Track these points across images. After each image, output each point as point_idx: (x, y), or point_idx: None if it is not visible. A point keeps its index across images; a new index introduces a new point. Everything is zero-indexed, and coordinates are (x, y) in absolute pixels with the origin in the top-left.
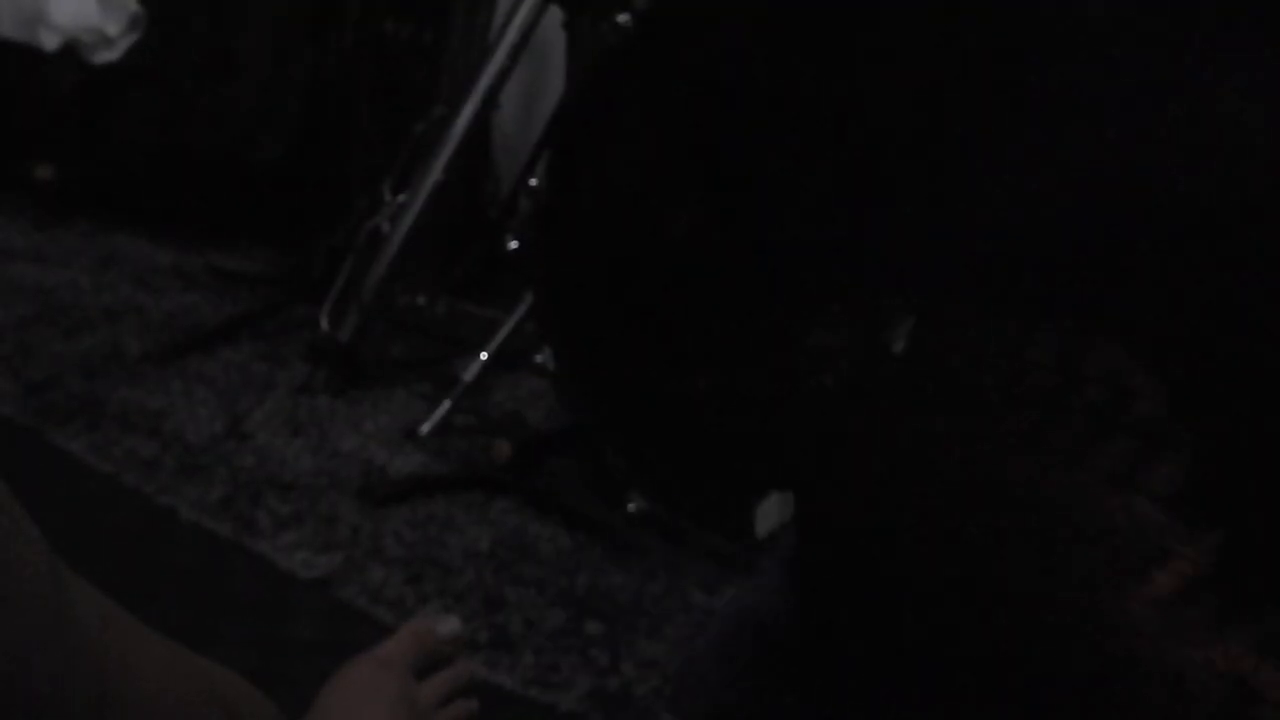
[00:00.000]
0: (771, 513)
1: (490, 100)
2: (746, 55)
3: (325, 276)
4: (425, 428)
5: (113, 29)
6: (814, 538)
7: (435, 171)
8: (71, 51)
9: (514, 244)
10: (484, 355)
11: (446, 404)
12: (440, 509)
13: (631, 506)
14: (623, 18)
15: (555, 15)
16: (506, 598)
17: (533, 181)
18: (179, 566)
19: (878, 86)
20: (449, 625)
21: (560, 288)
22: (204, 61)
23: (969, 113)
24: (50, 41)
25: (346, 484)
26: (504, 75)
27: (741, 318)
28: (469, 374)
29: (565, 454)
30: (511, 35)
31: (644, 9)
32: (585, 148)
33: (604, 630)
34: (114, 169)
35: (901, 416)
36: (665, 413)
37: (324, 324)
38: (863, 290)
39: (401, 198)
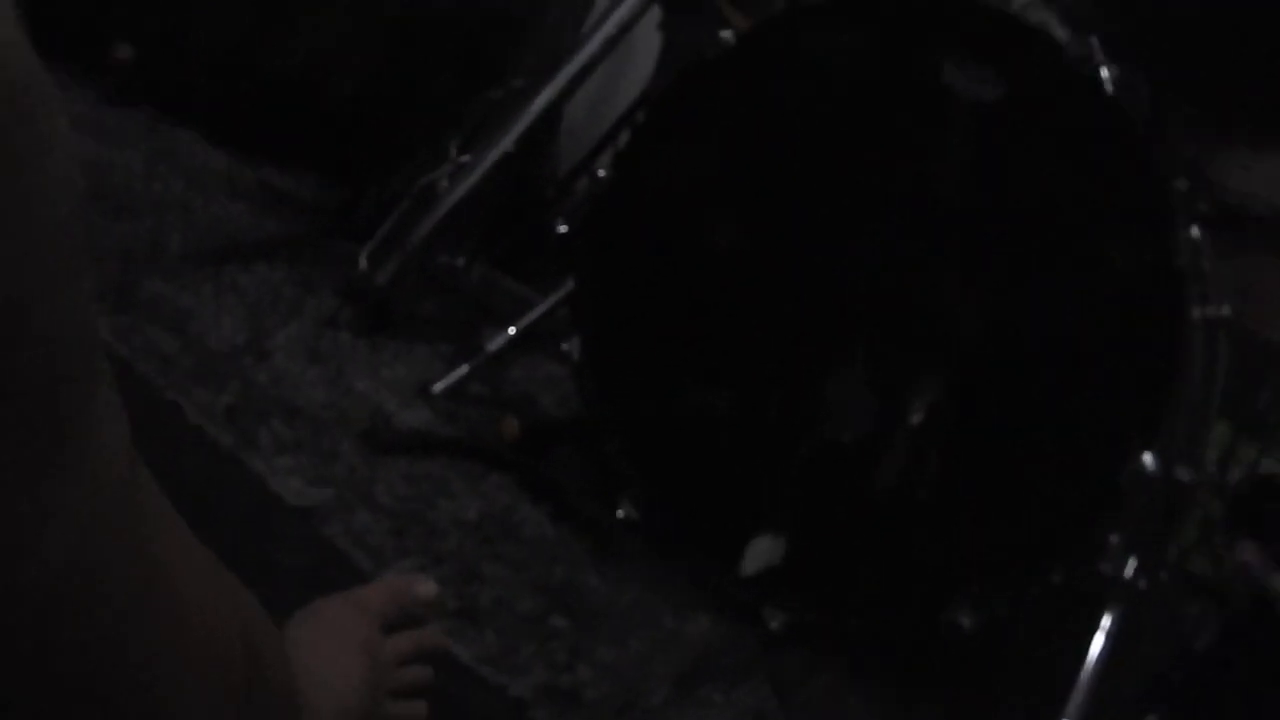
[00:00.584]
0: (761, 553)
1: (574, 85)
2: (834, 100)
3: (373, 218)
4: (439, 386)
5: None
6: None
7: (504, 143)
8: None
9: (562, 227)
10: (512, 330)
11: (464, 368)
12: (437, 470)
13: (621, 512)
14: (726, 34)
15: (653, 16)
16: (482, 572)
17: (600, 171)
18: (173, 467)
19: (948, 165)
20: (427, 588)
21: (602, 279)
22: None
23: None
24: None
25: (352, 423)
26: (592, 64)
27: (770, 345)
28: (493, 345)
29: (570, 445)
30: (610, 27)
31: (749, 31)
32: (658, 147)
33: (569, 626)
34: (190, 65)
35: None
36: (679, 425)
37: (363, 263)
38: (886, 345)
39: (465, 159)
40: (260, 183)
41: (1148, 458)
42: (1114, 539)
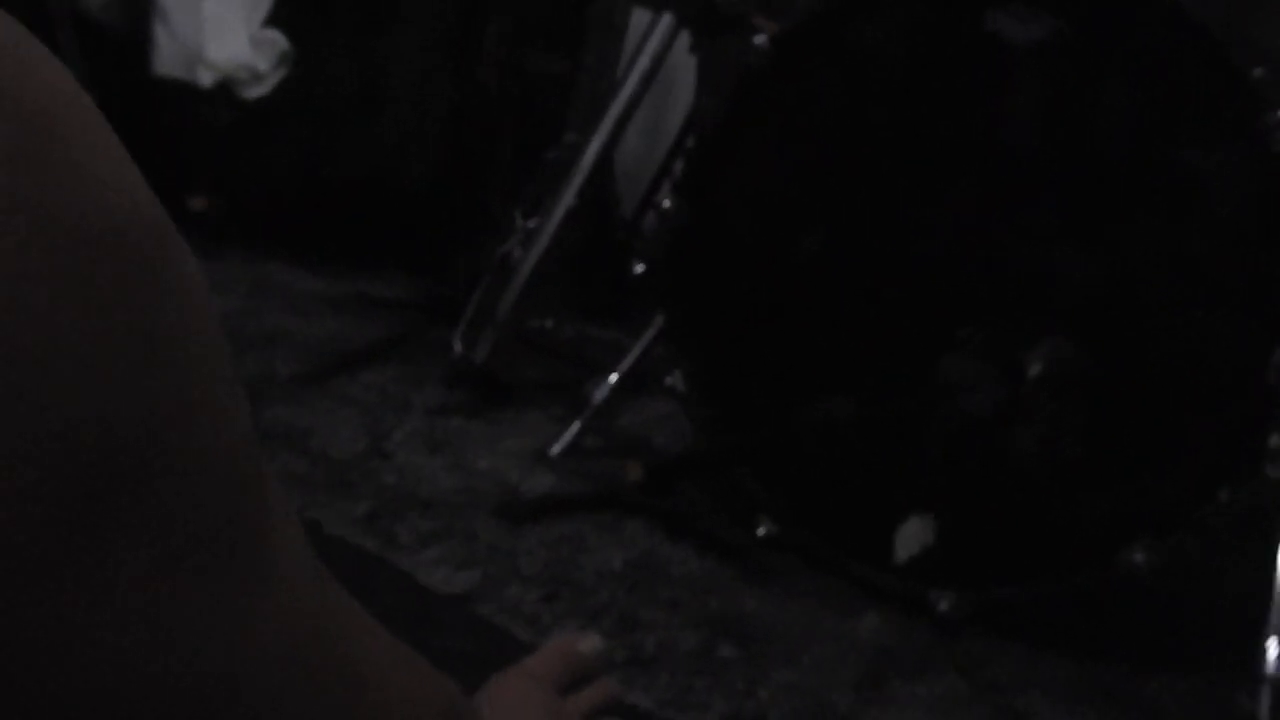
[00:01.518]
0: (912, 537)
1: (621, 127)
2: (886, 79)
3: (461, 301)
4: (556, 448)
5: (264, 65)
6: None
7: (567, 198)
8: (226, 88)
9: (640, 267)
10: (614, 377)
11: (576, 425)
12: (573, 529)
13: (761, 530)
14: (759, 39)
15: (681, 41)
16: (640, 618)
17: (665, 203)
18: None
19: (1018, 118)
20: (591, 642)
21: (692, 308)
22: (349, 94)
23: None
24: (206, 79)
25: (483, 502)
26: (635, 102)
27: (875, 340)
28: (599, 395)
29: (696, 476)
30: (643, 62)
31: (783, 33)
32: (720, 167)
33: (739, 654)
34: (265, 199)
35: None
36: (800, 436)
37: (458, 346)
38: (995, 314)
39: (532, 223)
40: (356, 294)
41: None
42: (1275, 440)
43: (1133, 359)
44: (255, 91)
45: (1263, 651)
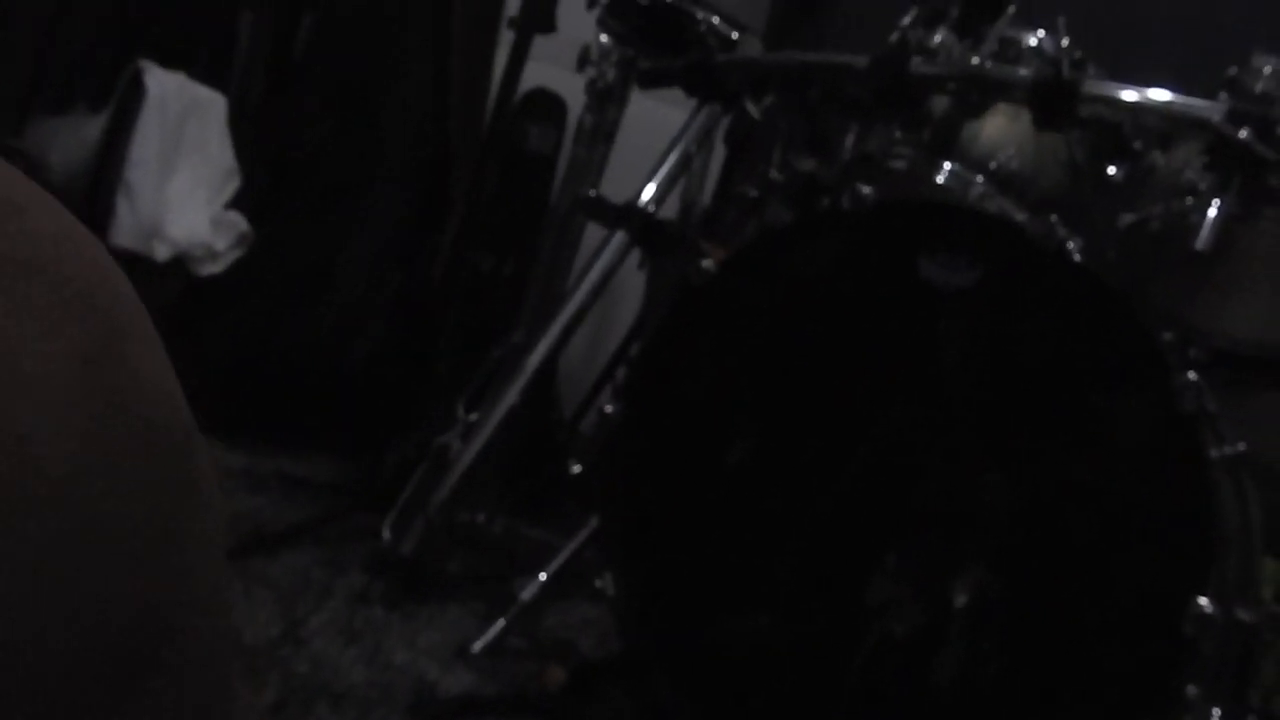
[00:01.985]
0: None
1: (568, 334)
2: (822, 307)
3: (391, 488)
4: (478, 646)
5: (221, 245)
6: None
7: (509, 396)
8: (180, 263)
9: (576, 468)
10: (543, 576)
11: (501, 623)
12: None
13: None
14: (707, 263)
15: (632, 257)
16: None
17: (606, 408)
18: None
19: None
20: None
21: (626, 512)
22: (298, 275)
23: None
24: (162, 253)
25: (398, 699)
26: (584, 310)
27: (803, 558)
28: (527, 593)
29: (619, 685)
30: (595, 275)
31: (727, 257)
32: (661, 377)
33: None
34: (202, 374)
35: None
36: (724, 650)
37: (386, 534)
38: (921, 540)
39: (474, 417)
40: (278, 473)
41: (1204, 602)
42: (1192, 691)
43: (1052, 595)
44: (209, 269)
45: None
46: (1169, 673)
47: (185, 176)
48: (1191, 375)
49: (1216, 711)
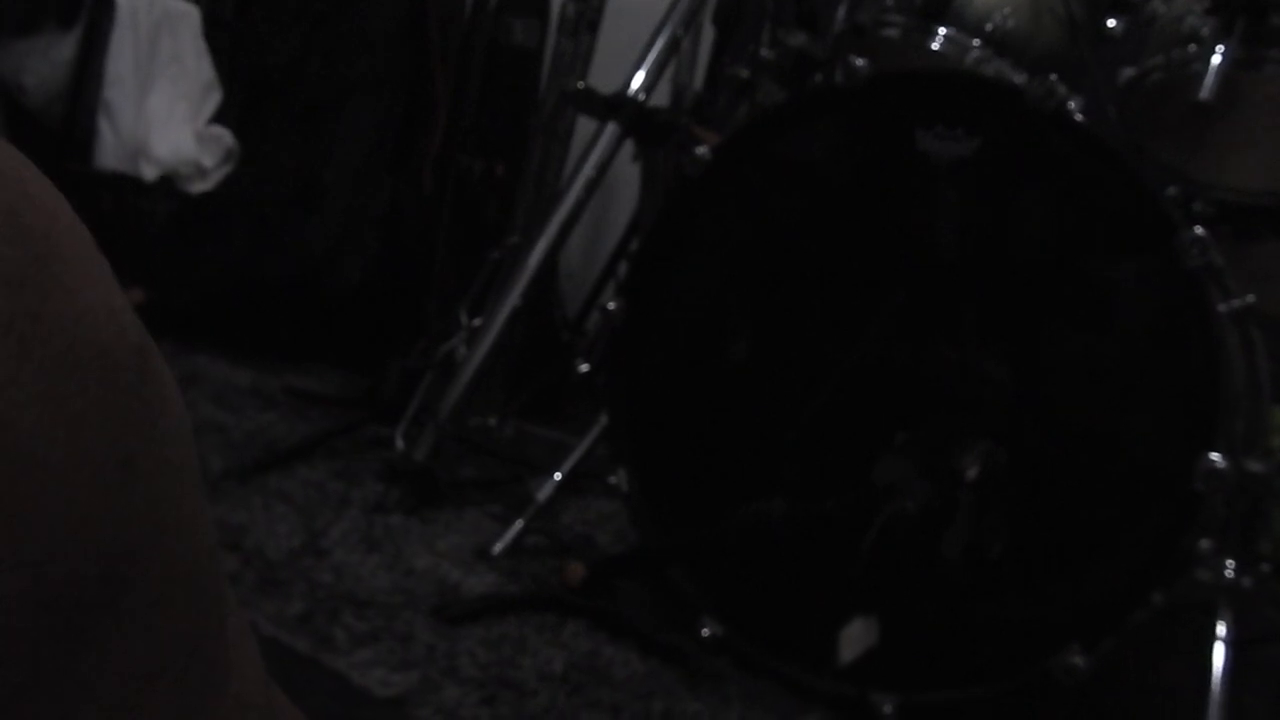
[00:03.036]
0: (856, 639)
1: (566, 231)
2: (818, 189)
3: (400, 398)
4: (498, 548)
5: (209, 161)
6: None
7: (511, 298)
8: (169, 182)
9: (584, 366)
10: (558, 476)
11: (519, 524)
12: (513, 629)
13: (705, 632)
14: (701, 150)
15: (625, 150)
16: None
17: (609, 305)
18: None
19: (943, 229)
20: None
21: (634, 408)
22: (287, 191)
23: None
24: (150, 173)
25: (421, 602)
26: (580, 207)
27: (812, 442)
28: (542, 494)
29: (638, 577)
30: (588, 170)
31: (721, 143)
32: (663, 269)
33: None
34: (200, 293)
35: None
36: (739, 536)
37: (399, 443)
38: (927, 417)
39: (477, 322)
40: (286, 388)
41: (1215, 456)
42: (1204, 545)
43: (1060, 463)
44: (199, 186)
45: None
46: (1181, 529)
47: (165, 92)
48: (1196, 230)
49: (1230, 563)
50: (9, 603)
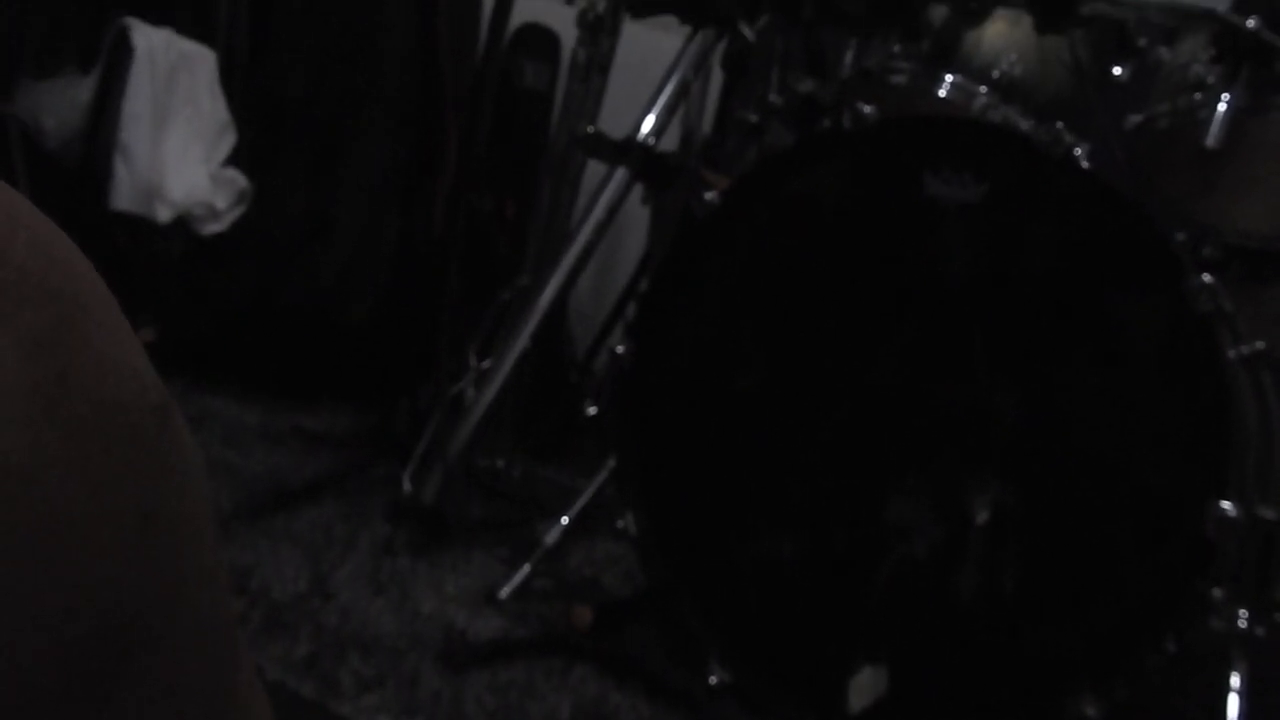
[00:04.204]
0: (866, 687)
1: (576, 272)
2: (827, 230)
3: (408, 437)
4: (505, 591)
5: (222, 203)
6: None
7: (521, 339)
8: (182, 223)
9: (592, 408)
10: (565, 519)
11: (526, 567)
12: (521, 674)
13: (713, 679)
14: (710, 194)
15: (635, 192)
16: None
17: (618, 347)
18: None
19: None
20: None
21: (643, 451)
22: (299, 228)
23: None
24: (164, 214)
25: (428, 646)
26: (590, 249)
27: (822, 482)
28: (550, 537)
29: (645, 621)
30: (598, 212)
31: (730, 187)
32: (671, 311)
33: None
34: (211, 331)
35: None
36: (749, 578)
37: (407, 484)
38: (938, 458)
39: (486, 363)
40: (295, 428)
41: (1227, 504)
42: (1217, 593)
43: (1070, 505)
44: (212, 228)
45: None
46: (1193, 576)
47: (180, 134)
48: (1205, 276)
49: (1243, 613)
50: (30, 660)
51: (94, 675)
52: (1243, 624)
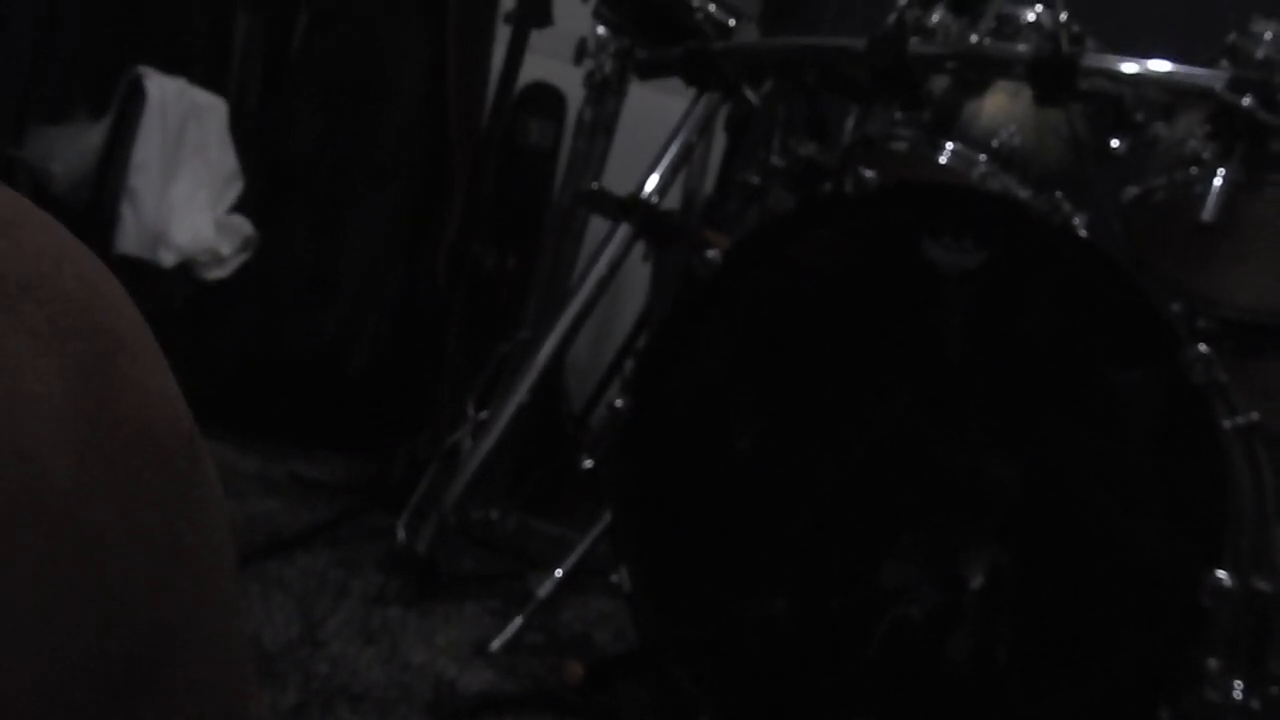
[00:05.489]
0: None
1: (577, 327)
2: (826, 292)
3: (403, 487)
4: (496, 644)
5: (226, 249)
6: None
7: (519, 392)
8: (186, 269)
9: (588, 463)
10: (559, 572)
11: (518, 621)
12: None
13: None
14: (711, 253)
15: (636, 249)
16: None
17: (616, 402)
18: None
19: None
20: None
21: (638, 506)
22: (305, 277)
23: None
24: (168, 259)
25: (417, 698)
26: (591, 304)
27: (817, 543)
28: (543, 591)
29: (637, 678)
30: (600, 268)
31: (731, 246)
32: (669, 368)
33: None
34: (211, 377)
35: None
36: (741, 638)
37: (401, 534)
38: (933, 522)
39: (484, 414)
40: (291, 475)
41: (1221, 574)
42: (1212, 664)
43: (1065, 571)
44: (216, 274)
45: None
46: (1188, 646)
47: (188, 181)
48: (1201, 347)
49: (1238, 684)
50: (63, 673)
51: (122, 690)
52: (1238, 695)
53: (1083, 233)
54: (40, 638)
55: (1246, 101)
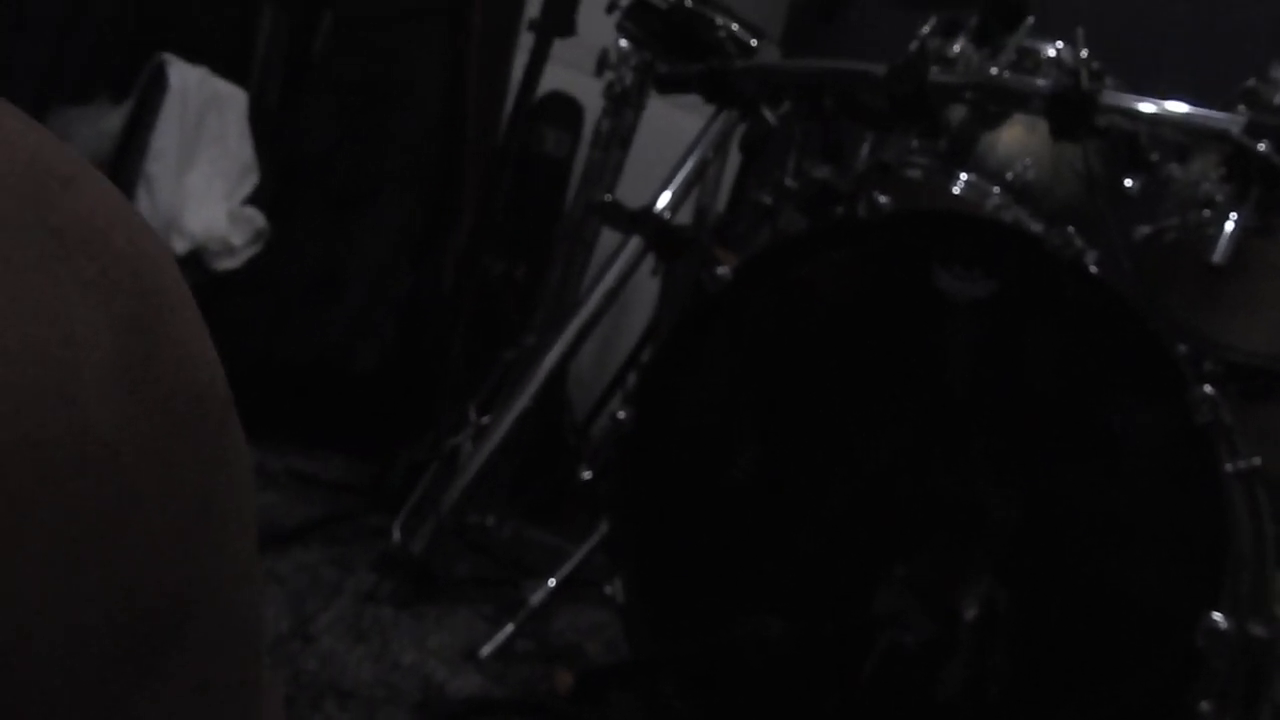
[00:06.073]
0: None
1: (582, 337)
2: (833, 315)
3: (402, 488)
4: (487, 649)
5: (238, 240)
6: None
7: (522, 399)
8: (197, 257)
9: (587, 473)
10: (552, 581)
11: (510, 627)
12: None
13: None
14: (721, 269)
15: (646, 263)
16: None
17: (619, 413)
18: None
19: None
20: None
21: (635, 518)
22: (314, 277)
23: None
24: (180, 246)
25: (404, 699)
26: (598, 316)
27: (812, 564)
28: (536, 598)
29: (627, 690)
30: (609, 279)
31: (741, 264)
32: (672, 382)
33: None
34: None
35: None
36: (732, 655)
37: (396, 535)
38: (929, 551)
39: (485, 419)
40: (290, 470)
41: (1218, 616)
42: (1205, 706)
43: (1061, 606)
44: (226, 264)
45: None
46: (1181, 688)
47: (204, 170)
48: (1207, 388)
49: None
50: (91, 628)
51: (143, 646)
52: None
53: (1094, 269)
54: (73, 585)
55: (1262, 146)
